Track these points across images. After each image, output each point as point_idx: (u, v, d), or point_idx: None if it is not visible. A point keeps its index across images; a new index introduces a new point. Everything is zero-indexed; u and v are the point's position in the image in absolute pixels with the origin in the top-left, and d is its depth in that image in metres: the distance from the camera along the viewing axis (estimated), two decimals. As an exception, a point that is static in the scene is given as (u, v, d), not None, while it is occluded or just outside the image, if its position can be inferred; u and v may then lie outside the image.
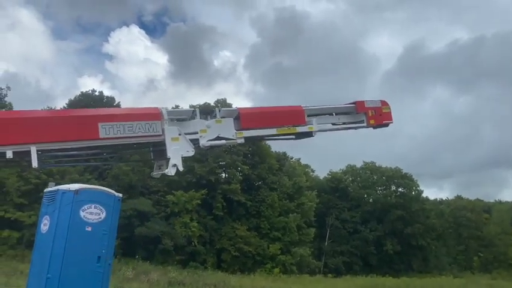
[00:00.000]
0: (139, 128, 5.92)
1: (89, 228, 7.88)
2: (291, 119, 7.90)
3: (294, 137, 8.16)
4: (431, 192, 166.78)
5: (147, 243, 32.52)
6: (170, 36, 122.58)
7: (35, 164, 4.95)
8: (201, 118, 6.71)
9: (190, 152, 6.39)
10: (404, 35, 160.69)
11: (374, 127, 9.04)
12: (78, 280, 7.58)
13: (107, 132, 5.56)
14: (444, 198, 74.04)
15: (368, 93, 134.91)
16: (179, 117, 6.48)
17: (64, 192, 7.71)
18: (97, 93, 40.50)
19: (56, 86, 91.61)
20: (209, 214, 38.58)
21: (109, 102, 40.58)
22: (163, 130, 6.15)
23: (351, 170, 59.81)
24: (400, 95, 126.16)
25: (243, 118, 7.11)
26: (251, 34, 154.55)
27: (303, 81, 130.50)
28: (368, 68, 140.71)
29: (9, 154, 4.83)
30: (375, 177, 58.50)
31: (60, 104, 50.48)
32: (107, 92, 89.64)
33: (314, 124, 8.01)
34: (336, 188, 56.29)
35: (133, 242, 31.41)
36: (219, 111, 6.94)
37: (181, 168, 6.27)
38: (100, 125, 5.51)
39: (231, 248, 37.33)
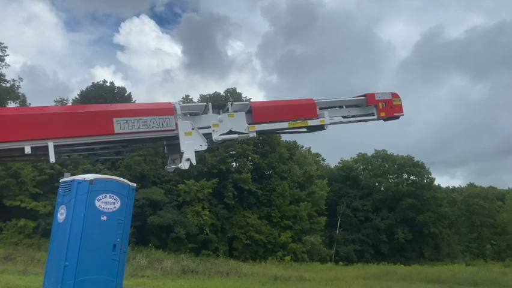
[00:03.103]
0: (153, 123, 6.01)
1: (105, 218, 8.03)
2: (302, 113, 7.90)
3: (305, 130, 8.18)
4: (444, 180, 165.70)
5: (160, 232, 32.96)
6: (183, 26, 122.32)
7: (52, 159, 5.06)
8: (213, 112, 6.76)
9: (203, 146, 6.46)
10: (421, 22, 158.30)
11: (385, 120, 9.03)
12: (94, 268, 7.76)
13: (122, 128, 5.65)
14: (457, 186, 73.55)
15: (383, 81, 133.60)
16: (192, 111, 6.54)
17: (80, 182, 7.85)
18: (108, 84, 40.72)
19: (72, 77, 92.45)
20: (220, 203, 38.87)
21: (120, 92, 40.82)
22: (176, 125, 6.22)
23: (362, 158, 59.59)
24: (415, 83, 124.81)
25: (254, 112, 7.13)
26: (263, 23, 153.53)
27: (317, 69, 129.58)
28: (383, 56, 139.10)
29: (27, 149, 4.95)
30: (386, 166, 58.23)
31: (73, 95, 50.91)
32: (119, 83, 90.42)
33: (326, 117, 8.01)
34: (347, 177, 56.23)
35: (146, 230, 31.86)
36: (231, 105, 6.98)
37: (194, 163, 6.36)
38: (115, 120, 5.61)
39: (242, 236, 37.65)
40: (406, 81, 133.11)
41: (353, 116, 8.81)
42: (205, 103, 6.92)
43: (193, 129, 6.38)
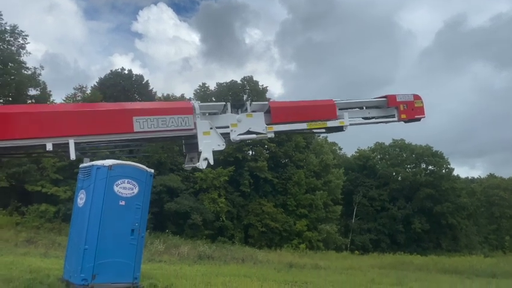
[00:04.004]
0: (172, 122, 6.05)
1: (123, 203, 8.19)
2: (322, 114, 7.79)
3: (324, 130, 8.09)
4: (463, 171, 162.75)
5: (177, 218, 33.38)
6: (201, 14, 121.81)
7: (73, 156, 5.17)
8: (232, 112, 6.73)
9: (221, 146, 6.47)
10: (444, 9, 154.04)
11: (406, 121, 8.87)
12: (113, 251, 7.94)
13: (141, 126, 5.72)
14: (476, 177, 72.25)
15: (403, 70, 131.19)
16: (211, 111, 6.53)
17: (99, 167, 7.99)
18: (126, 72, 41.03)
19: (91, 65, 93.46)
20: (236, 190, 39.11)
21: (138, 80, 41.14)
22: (195, 124, 6.22)
23: (379, 147, 58.97)
24: (437, 72, 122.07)
25: (273, 112, 7.08)
26: (281, 11, 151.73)
27: (336, 57, 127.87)
28: (403, 44, 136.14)
29: (49, 146, 5.07)
30: (404, 155, 57.52)
31: (92, 83, 51.57)
32: (137, 71, 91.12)
33: (345, 118, 7.90)
34: (364, 166, 55.79)
35: (163, 216, 32.31)
36: (250, 105, 6.94)
37: (211, 162, 6.37)
38: (134, 119, 5.66)
39: (258, 224, 37.88)
40: (427, 70, 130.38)
41: (373, 118, 8.67)
42: (224, 103, 6.89)
43: (211, 128, 6.39)
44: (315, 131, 8.16)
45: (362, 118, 8.77)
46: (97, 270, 7.70)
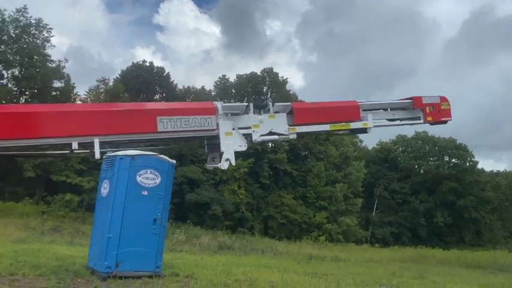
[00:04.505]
0: (195, 122, 6.07)
1: (146, 192, 8.30)
2: (345, 115, 7.66)
3: (348, 132, 7.98)
4: (488, 164, 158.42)
5: (197, 209, 33.78)
6: (221, 6, 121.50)
7: (97, 155, 5.28)
8: (254, 113, 6.70)
9: (243, 147, 6.45)
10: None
11: (431, 124, 8.66)
12: (136, 240, 8.07)
13: (165, 126, 5.78)
14: (501, 170, 70.34)
15: (427, 61, 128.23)
16: (233, 111, 6.52)
17: (122, 158, 8.12)
18: (147, 64, 41.46)
19: (114, 57, 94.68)
20: (256, 182, 39.26)
21: (159, 72, 41.50)
22: (217, 124, 6.22)
23: (401, 140, 58.08)
24: (462, 63, 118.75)
25: (296, 114, 7.00)
26: (302, 2, 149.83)
27: (358, 48, 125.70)
28: (427, 35, 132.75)
29: (74, 145, 5.17)
30: (427, 148, 56.55)
31: (114, 75, 52.29)
32: (159, 63, 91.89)
33: (369, 120, 7.75)
34: (386, 159, 55.09)
35: (184, 207, 32.72)
36: (273, 106, 6.89)
37: (233, 163, 6.38)
38: (158, 118, 5.71)
39: (277, 215, 38.00)
40: (452, 60, 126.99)
41: (397, 119, 8.50)
42: (246, 104, 6.86)
43: (233, 129, 6.38)
44: (338, 132, 8.05)
45: (387, 120, 8.60)
46: (120, 258, 7.84)
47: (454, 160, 54.98)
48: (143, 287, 7.21)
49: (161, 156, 8.69)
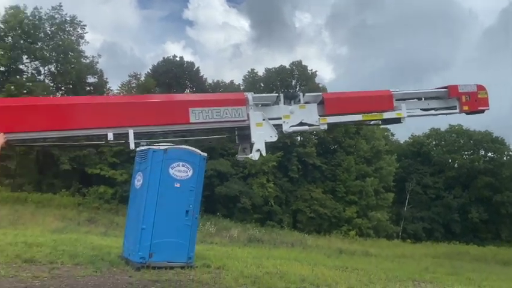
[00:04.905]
0: (226, 113, 6.09)
1: (178, 185, 8.46)
2: (378, 105, 7.48)
3: (380, 122, 7.80)
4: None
5: (227, 202, 34.09)
6: (251, 0, 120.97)
7: (132, 145, 5.38)
8: (284, 103, 6.68)
9: (274, 138, 6.44)
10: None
11: (468, 113, 8.34)
12: (169, 231, 8.24)
13: (197, 117, 5.83)
14: (542, 165, 67.37)
15: (463, 51, 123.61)
16: (264, 102, 6.53)
17: (155, 151, 8.31)
18: (177, 59, 41.96)
19: (146, 53, 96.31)
20: (285, 176, 39.21)
21: (189, 67, 41.94)
22: (248, 115, 6.25)
23: (435, 133, 56.46)
24: (500, 52, 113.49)
25: (327, 104, 6.89)
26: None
27: (390, 40, 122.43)
28: (463, 25, 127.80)
29: (110, 136, 5.29)
30: (461, 141, 54.76)
31: (145, 70, 53.24)
32: (188, 58, 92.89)
33: (403, 110, 7.53)
34: (418, 153, 53.75)
35: (213, 200, 33.08)
36: (303, 96, 6.83)
37: (264, 154, 6.36)
38: (190, 110, 5.79)
39: (306, 209, 37.86)
40: (489, 51, 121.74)
41: (432, 109, 8.26)
42: (277, 94, 6.84)
43: (264, 120, 6.37)
44: (371, 122, 7.88)
45: (421, 109, 8.37)
46: (153, 249, 8.03)
47: (490, 154, 53.01)
48: (175, 278, 7.35)
49: (193, 149, 8.82)
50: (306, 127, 6.71)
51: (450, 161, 53.52)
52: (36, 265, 7.41)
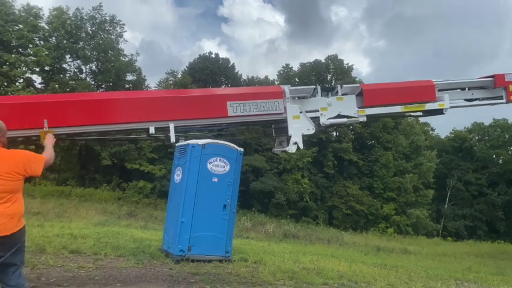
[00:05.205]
0: (263, 107, 6.12)
1: (216, 180, 8.55)
2: (419, 96, 7.22)
3: (421, 114, 7.53)
4: None
5: (262, 197, 34.20)
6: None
7: (173, 139, 5.51)
8: (321, 95, 6.60)
9: (311, 130, 6.39)
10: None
11: None
12: (207, 225, 8.35)
13: (234, 111, 5.90)
14: None
15: (509, 43, 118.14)
16: (301, 95, 6.48)
17: (193, 146, 8.44)
18: (213, 56, 42.38)
19: (182, 50, 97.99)
20: (320, 172, 38.87)
21: (224, 63, 42.24)
22: (285, 108, 6.24)
23: (478, 128, 54.26)
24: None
25: (366, 95, 6.74)
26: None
27: (430, 32, 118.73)
28: (508, 14, 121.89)
29: (151, 130, 5.45)
30: (506, 136, 52.32)
31: (182, 67, 54.13)
32: (224, 54, 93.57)
33: (445, 100, 7.23)
34: (460, 148, 51.87)
35: (249, 195, 33.28)
36: (341, 88, 6.72)
37: (301, 146, 6.34)
38: (228, 103, 5.85)
39: (342, 206, 37.40)
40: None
41: (476, 99, 7.89)
42: (314, 86, 6.77)
43: (301, 112, 6.34)
44: (411, 114, 7.62)
45: (464, 100, 8.02)
46: (192, 242, 8.16)
47: (538, 149, 50.47)
48: (214, 271, 7.44)
49: (230, 144, 8.90)
50: (345, 119, 6.61)
51: (494, 156, 51.33)
52: (81, 256, 7.71)
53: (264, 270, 8.00)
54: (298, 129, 6.32)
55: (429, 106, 7.22)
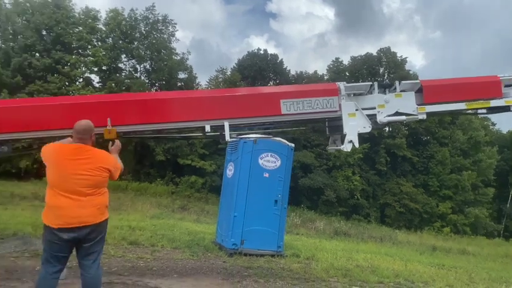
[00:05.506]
0: (317, 104, 6.03)
1: (267, 175, 8.60)
2: (484, 92, 6.79)
3: (485, 111, 7.09)
4: None
5: (311, 194, 33.91)
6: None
7: (227, 137, 5.60)
8: (378, 92, 6.39)
9: (367, 128, 6.21)
10: None
11: None
12: (259, 220, 8.43)
13: (288, 109, 5.88)
14: None
15: None
16: (357, 92, 6.32)
17: (245, 141, 8.53)
18: (261, 52, 42.49)
19: (231, 48, 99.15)
20: (372, 169, 37.90)
21: (273, 60, 42.24)
22: (340, 106, 6.11)
23: (544, 122, 50.55)
24: None
25: (426, 91, 6.44)
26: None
27: (491, 22, 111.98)
28: None
29: (207, 128, 5.56)
30: None
31: (231, 64, 54.78)
32: (272, 50, 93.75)
33: None
34: (523, 144, 48.56)
35: (298, 191, 33.12)
36: (399, 84, 6.46)
37: (357, 145, 6.18)
38: (281, 101, 5.84)
39: (395, 203, 36.27)
40: None
41: None
42: (371, 83, 6.57)
43: (357, 110, 6.18)
44: (473, 112, 7.19)
45: None
46: (245, 236, 8.27)
47: None
48: (267, 265, 7.49)
49: (281, 139, 8.92)
50: (403, 117, 6.37)
51: None
52: (139, 247, 8.04)
53: (316, 267, 7.94)
54: (354, 127, 6.17)
55: (494, 103, 6.81)
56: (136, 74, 35.76)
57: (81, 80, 32.80)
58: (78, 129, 4.01)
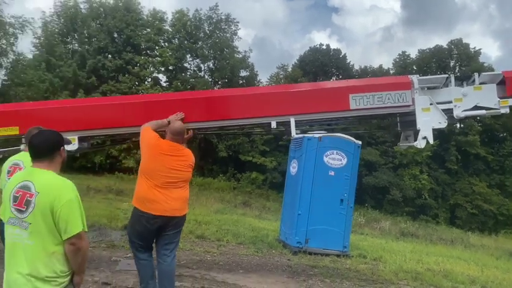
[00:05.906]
0: (388, 99, 5.77)
1: (332, 173, 8.42)
2: None
3: None
4: None
5: (375, 193, 32.88)
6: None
7: (293, 133, 5.55)
8: (455, 85, 5.99)
9: (443, 124, 5.85)
10: None
11: None
12: (324, 219, 8.29)
13: (357, 104, 5.69)
14: None
15: None
16: (431, 85, 5.96)
17: (309, 138, 8.41)
18: (324, 47, 41.84)
19: (293, 44, 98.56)
20: (441, 167, 35.94)
21: (335, 54, 41.44)
22: (413, 100, 5.81)
23: None
24: None
25: (509, 83, 5.95)
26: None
27: None
28: None
29: (273, 124, 5.55)
30: None
31: (292, 61, 54.46)
32: (334, 45, 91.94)
33: None
34: None
35: (361, 190, 32.20)
36: (478, 76, 6.01)
37: (431, 141, 5.85)
38: (350, 96, 5.66)
39: (467, 204, 34.14)
40: None
41: None
42: (446, 75, 6.18)
43: (431, 104, 5.83)
44: None
45: None
46: (309, 235, 8.19)
47: None
48: (332, 265, 7.35)
49: (347, 136, 8.65)
50: (483, 111, 5.92)
51: None
52: (206, 241, 8.25)
53: (384, 268, 7.66)
54: (428, 122, 5.83)
55: None
56: (200, 73, 36.76)
57: (149, 79, 34.36)
58: (174, 131, 4.37)
